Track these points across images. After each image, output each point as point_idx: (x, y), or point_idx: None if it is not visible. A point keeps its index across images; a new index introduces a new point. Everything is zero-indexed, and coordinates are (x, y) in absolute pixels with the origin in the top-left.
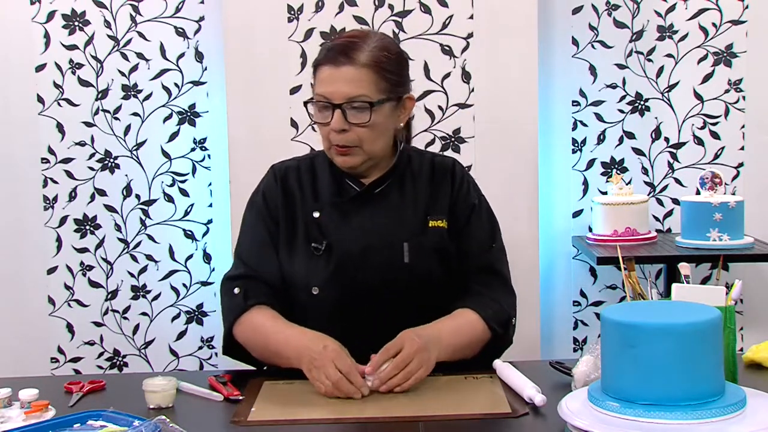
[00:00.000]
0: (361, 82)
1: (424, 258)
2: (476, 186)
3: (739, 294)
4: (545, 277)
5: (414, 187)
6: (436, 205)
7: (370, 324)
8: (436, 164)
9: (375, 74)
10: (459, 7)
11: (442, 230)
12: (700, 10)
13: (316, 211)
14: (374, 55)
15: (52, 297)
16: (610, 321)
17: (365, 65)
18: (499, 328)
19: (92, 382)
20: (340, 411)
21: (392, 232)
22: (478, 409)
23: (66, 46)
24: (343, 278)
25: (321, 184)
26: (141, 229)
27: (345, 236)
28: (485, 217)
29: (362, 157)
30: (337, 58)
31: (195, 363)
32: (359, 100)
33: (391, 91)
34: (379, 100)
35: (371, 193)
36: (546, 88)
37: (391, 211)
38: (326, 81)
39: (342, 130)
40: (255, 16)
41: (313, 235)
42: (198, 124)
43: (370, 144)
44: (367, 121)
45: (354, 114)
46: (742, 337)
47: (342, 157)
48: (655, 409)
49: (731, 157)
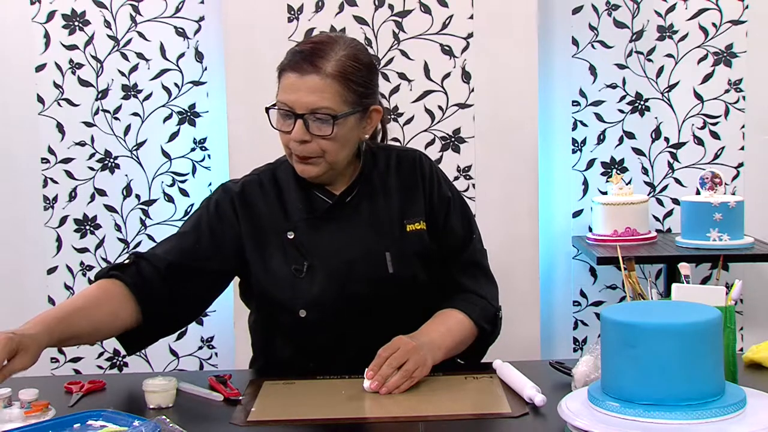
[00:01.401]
0: (325, 93)
1: (407, 265)
2: (445, 177)
3: (739, 294)
4: (545, 277)
5: (385, 191)
6: (411, 208)
7: (358, 335)
8: (401, 159)
9: (340, 85)
10: (459, 7)
11: (420, 232)
12: (700, 10)
13: (290, 231)
14: (341, 64)
15: (52, 297)
16: (610, 321)
17: (331, 75)
18: (487, 326)
19: (92, 382)
20: (340, 411)
21: (371, 242)
22: (478, 409)
23: (66, 46)
24: (329, 296)
25: (288, 198)
26: (141, 229)
27: (325, 254)
28: (460, 208)
29: (324, 167)
30: (302, 66)
31: (195, 363)
32: (322, 112)
33: (357, 103)
34: (344, 113)
35: (343, 204)
36: (546, 88)
37: (366, 220)
38: (289, 89)
39: (303, 141)
40: (255, 16)
41: (291, 256)
42: (198, 124)
43: (332, 155)
44: (330, 134)
45: (316, 125)
46: (742, 337)
47: (303, 166)
48: (655, 409)
49: (731, 157)
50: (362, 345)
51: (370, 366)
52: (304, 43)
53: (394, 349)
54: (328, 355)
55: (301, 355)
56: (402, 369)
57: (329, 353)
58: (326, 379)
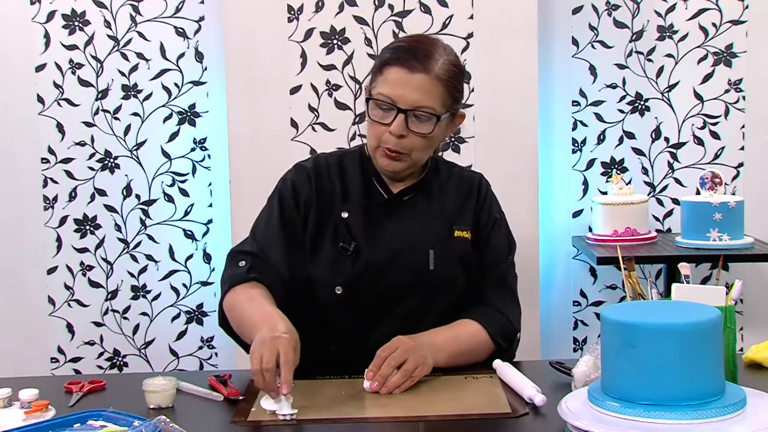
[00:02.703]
0: (431, 93)
1: (449, 266)
2: (497, 202)
3: (739, 294)
4: (545, 277)
5: (441, 198)
6: (461, 216)
7: (388, 327)
8: (463, 177)
9: (444, 88)
10: (459, 7)
11: (466, 240)
12: (700, 10)
13: (345, 211)
14: (447, 68)
15: (52, 297)
16: (610, 321)
17: (438, 77)
18: (503, 342)
19: (92, 382)
20: (340, 411)
21: (419, 238)
22: (478, 409)
23: (66, 46)
24: (368, 280)
25: (350, 183)
26: (141, 229)
27: (373, 239)
28: (504, 232)
29: (408, 163)
30: (412, 63)
31: (195, 363)
32: (426, 111)
33: (451, 107)
34: (443, 115)
35: (399, 201)
36: (546, 88)
37: (418, 218)
38: (395, 83)
39: (400, 135)
40: (255, 16)
41: (341, 235)
42: (198, 124)
43: (419, 153)
44: (429, 133)
45: (415, 123)
46: (742, 337)
47: (388, 161)
48: (655, 409)
49: (731, 157)
50: (386, 335)
51: (369, 366)
52: (407, 41)
53: (393, 349)
54: (352, 340)
55: (323, 336)
56: (402, 369)
57: (353, 338)
58: (326, 379)
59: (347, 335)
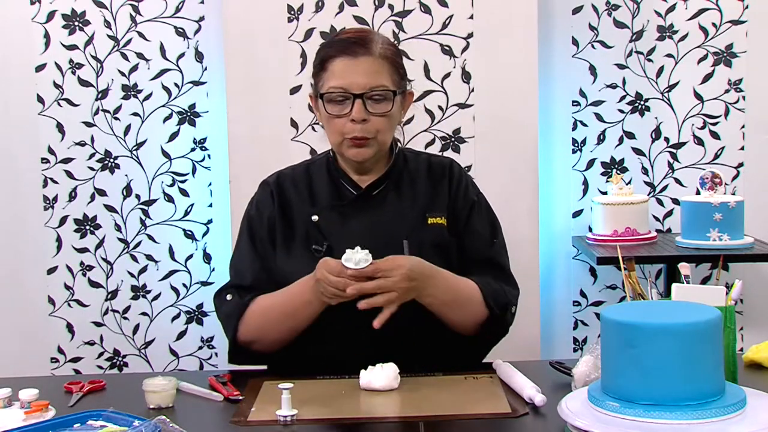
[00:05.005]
0: (380, 72)
1: (424, 254)
2: (474, 184)
3: (739, 294)
4: (545, 277)
5: (411, 187)
6: (434, 203)
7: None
8: (432, 164)
9: (390, 65)
10: (459, 7)
11: (441, 226)
12: (700, 10)
13: (314, 214)
14: (387, 47)
15: (52, 297)
16: (610, 321)
17: (382, 56)
18: (496, 308)
19: (92, 382)
20: (340, 411)
21: (391, 230)
22: (478, 409)
23: (66, 46)
24: None
25: (317, 188)
26: (141, 229)
27: (345, 237)
28: (485, 213)
29: (375, 148)
30: (353, 49)
31: (195, 363)
32: (380, 91)
33: (400, 83)
34: (396, 91)
35: (369, 196)
36: (546, 88)
37: (389, 211)
38: (343, 72)
39: (363, 120)
40: (255, 16)
41: (313, 238)
42: (198, 124)
43: (384, 134)
44: (388, 111)
45: (373, 104)
46: (742, 337)
47: (356, 150)
48: (655, 409)
49: (731, 157)
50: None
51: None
52: (343, 34)
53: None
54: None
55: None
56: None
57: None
58: (326, 379)
59: (342, 334)
